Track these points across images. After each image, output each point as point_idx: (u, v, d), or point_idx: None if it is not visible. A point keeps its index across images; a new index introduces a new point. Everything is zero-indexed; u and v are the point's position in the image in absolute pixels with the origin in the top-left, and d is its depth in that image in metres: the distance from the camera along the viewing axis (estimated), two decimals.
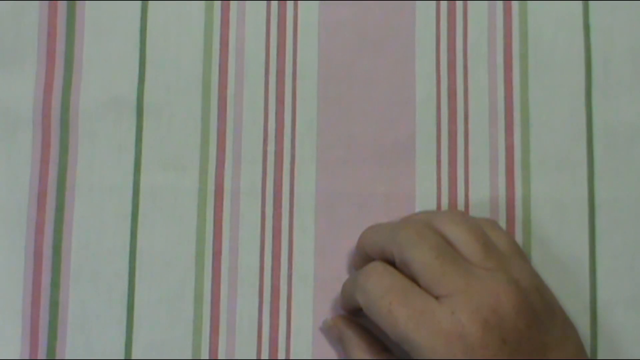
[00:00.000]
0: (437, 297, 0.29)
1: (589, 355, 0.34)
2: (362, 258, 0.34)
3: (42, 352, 0.35)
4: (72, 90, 0.36)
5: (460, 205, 0.36)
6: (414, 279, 0.30)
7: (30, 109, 0.36)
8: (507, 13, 0.37)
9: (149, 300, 0.35)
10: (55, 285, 0.35)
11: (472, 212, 0.35)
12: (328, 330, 0.35)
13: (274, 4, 0.37)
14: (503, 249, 0.31)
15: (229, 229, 0.36)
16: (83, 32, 0.37)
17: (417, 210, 0.36)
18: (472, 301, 0.28)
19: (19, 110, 0.36)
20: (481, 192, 0.36)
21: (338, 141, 0.36)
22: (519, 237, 0.35)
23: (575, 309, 0.34)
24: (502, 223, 0.35)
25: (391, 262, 0.31)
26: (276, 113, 0.36)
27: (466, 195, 0.36)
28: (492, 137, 0.36)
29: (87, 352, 0.35)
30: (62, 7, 0.37)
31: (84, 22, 0.37)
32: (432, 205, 0.36)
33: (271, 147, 0.36)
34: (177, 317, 0.35)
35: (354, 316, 0.34)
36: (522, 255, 0.32)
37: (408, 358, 0.29)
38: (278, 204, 0.36)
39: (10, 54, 0.37)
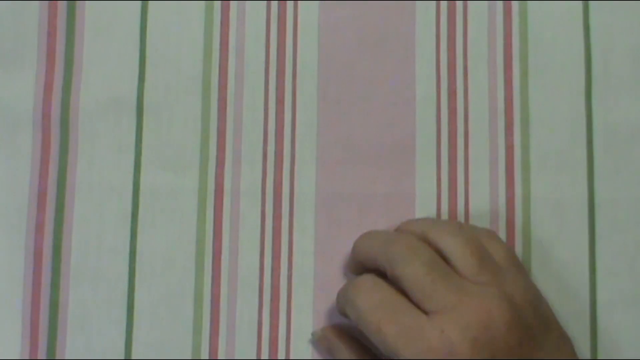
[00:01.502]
0: (427, 313, 0.29)
1: None
2: (357, 264, 0.34)
3: (42, 352, 0.35)
4: (72, 90, 0.36)
5: (460, 206, 0.36)
6: (405, 294, 0.30)
7: (30, 109, 0.36)
8: (507, 13, 0.36)
9: (149, 300, 0.35)
10: (55, 285, 0.35)
11: (472, 212, 0.35)
12: (317, 342, 0.35)
13: (274, 4, 0.37)
14: (500, 261, 0.31)
15: (229, 229, 0.36)
16: (83, 32, 0.37)
17: (417, 210, 0.36)
18: (463, 318, 0.28)
19: (19, 110, 0.36)
20: (481, 192, 0.36)
21: (338, 141, 0.36)
22: (518, 238, 0.35)
23: (575, 309, 0.34)
24: (502, 223, 0.35)
25: (384, 273, 0.31)
26: (276, 113, 0.36)
27: (466, 196, 0.36)
28: (492, 137, 0.36)
29: (87, 352, 0.35)
30: (62, 7, 0.37)
31: (84, 22, 0.37)
32: (432, 205, 0.36)
33: (271, 147, 0.36)
34: (177, 317, 0.35)
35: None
36: (519, 267, 0.32)
37: None
38: (278, 204, 0.36)
39: (10, 54, 0.37)
